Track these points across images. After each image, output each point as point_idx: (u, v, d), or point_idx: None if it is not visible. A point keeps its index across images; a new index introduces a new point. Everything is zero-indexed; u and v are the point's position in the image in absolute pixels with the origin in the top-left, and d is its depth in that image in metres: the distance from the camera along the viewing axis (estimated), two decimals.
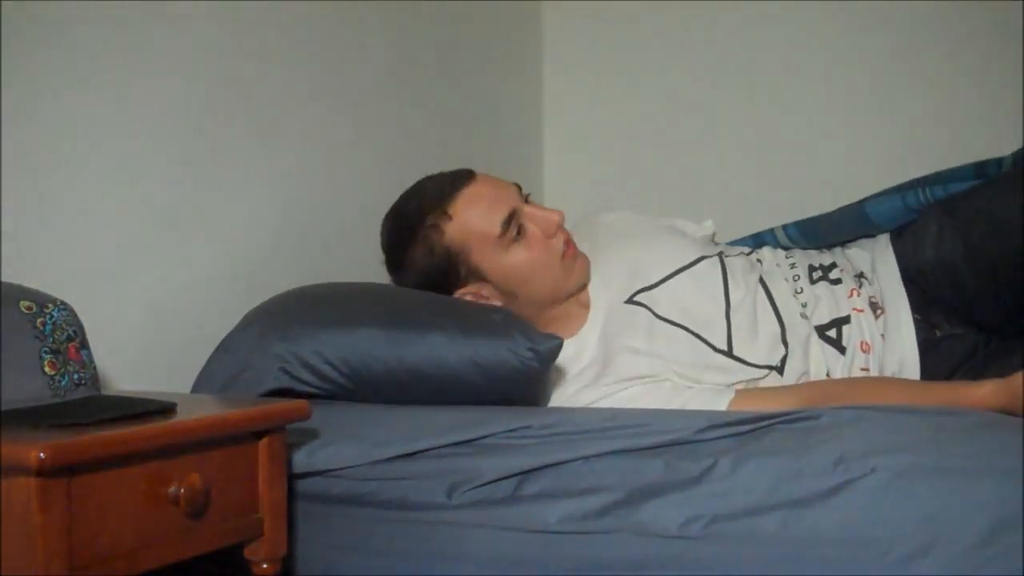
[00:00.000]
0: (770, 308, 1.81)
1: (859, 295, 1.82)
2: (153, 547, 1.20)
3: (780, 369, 1.76)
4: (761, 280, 1.85)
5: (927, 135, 2.28)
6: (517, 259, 1.78)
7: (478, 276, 1.79)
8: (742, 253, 1.93)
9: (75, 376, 1.29)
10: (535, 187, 2.61)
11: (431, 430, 1.48)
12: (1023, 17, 2.16)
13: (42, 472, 1.07)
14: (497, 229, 1.77)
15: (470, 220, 1.77)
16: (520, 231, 1.78)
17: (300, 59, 1.99)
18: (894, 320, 1.80)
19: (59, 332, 1.29)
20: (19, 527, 1.08)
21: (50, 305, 1.30)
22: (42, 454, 1.06)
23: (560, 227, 1.81)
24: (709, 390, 1.72)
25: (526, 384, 1.64)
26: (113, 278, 1.65)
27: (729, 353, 1.76)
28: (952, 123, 2.26)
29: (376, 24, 2.16)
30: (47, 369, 1.26)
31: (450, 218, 1.78)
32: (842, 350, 1.78)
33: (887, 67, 2.33)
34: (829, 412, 1.41)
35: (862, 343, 1.78)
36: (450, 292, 1.80)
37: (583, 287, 1.85)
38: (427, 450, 1.45)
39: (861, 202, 1.93)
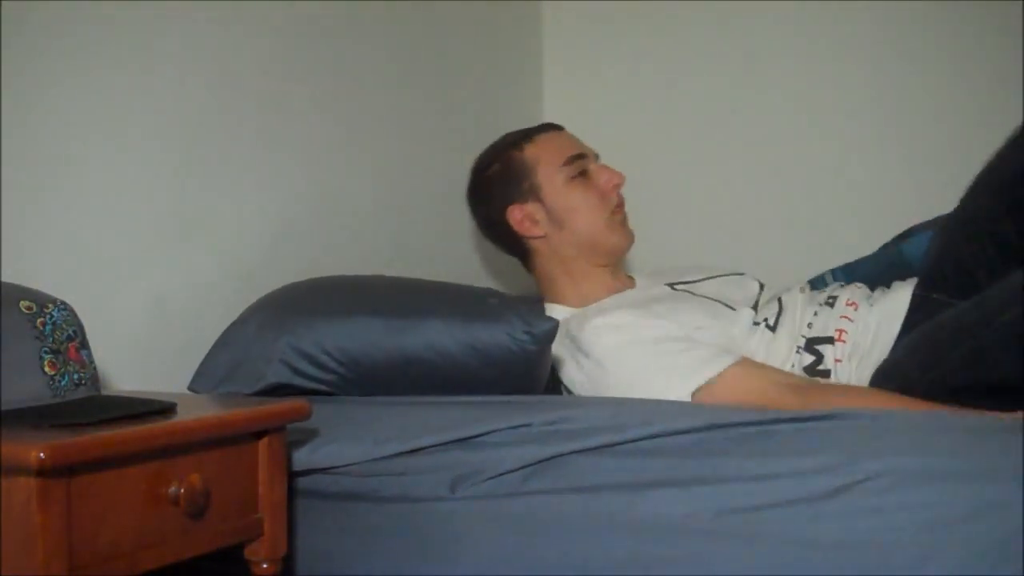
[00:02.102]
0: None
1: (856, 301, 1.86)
2: (153, 547, 1.20)
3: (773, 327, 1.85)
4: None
5: (925, 135, 2.29)
6: (573, 192, 1.95)
7: (536, 195, 1.96)
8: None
9: (75, 376, 1.29)
10: None
11: (432, 426, 1.48)
12: (1023, 17, 2.16)
13: (42, 472, 1.07)
14: (564, 159, 1.96)
15: (546, 146, 1.98)
16: (584, 174, 1.96)
17: (300, 59, 1.99)
18: (888, 292, 1.86)
19: (59, 332, 1.29)
20: (19, 527, 1.08)
21: (50, 305, 1.30)
22: (42, 454, 1.06)
23: (619, 187, 1.98)
24: (709, 351, 1.72)
25: (524, 367, 1.65)
26: (113, 278, 1.66)
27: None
28: (953, 129, 2.26)
29: (376, 25, 2.16)
30: (47, 369, 1.26)
31: (531, 142, 1.99)
32: (831, 303, 1.84)
33: (886, 67, 2.33)
34: (834, 414, 1.41)
35: (848, 301, 1.84)
36: (510, 203, 1.96)
37: (621, 252, 2.01)
38: (428, 447, 1.45)
39: (897, 243, 2.00)
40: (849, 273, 2.04)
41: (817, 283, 2.06)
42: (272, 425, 1.35)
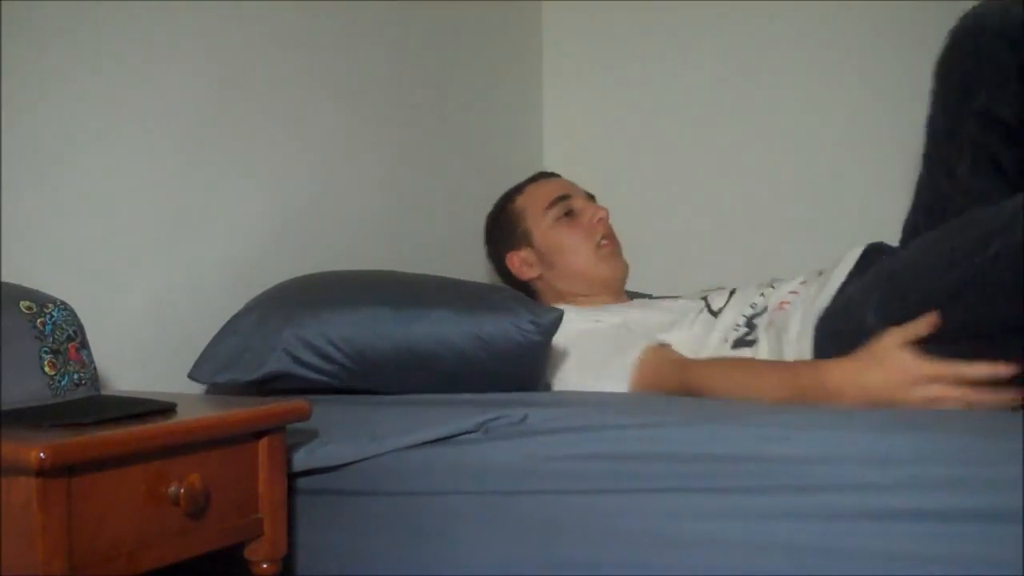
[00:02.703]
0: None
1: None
2: (153, 547, 1.20)
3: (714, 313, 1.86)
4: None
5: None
6: (559, 232, 2.08)
7: (527, 240, 2.10)
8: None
9: (75, 376, 1.29)
10: None
11: (430, 422, 1.48)
12: None
13: (42, 472, 1.07)
14: (548, 202, 2.10)
15: (533, 194, 2.14)
16: (569, 214, 2.09)
17: (300, 60, 1.99)
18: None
19: (59, 332, 1.29)
20: (19, 527, 1.08)
21: (50, 305, 1.30)
22: (42, 454, 1.06)
23: (603, 221, 2.09)
24: (624, 342, 1.77)
25: (529, 358, 1.66)
26: (113, 278, 1.66)
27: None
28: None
29: (376, 25, 2.17)
30: (47, 369, 1.26)
31: (521, 193, 2.16)
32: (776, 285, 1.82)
33: (886, 67, 2.33)
34: (829, 416, 1.40)
35: (801, 280, 1.78)
36: (507, 252, 2.12)
37: (614, 281, 2.09)
38: (428, 443, 1.45)
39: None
40: None
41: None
42: (272, 425, 1.36)
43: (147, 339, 1.70)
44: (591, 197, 2.16)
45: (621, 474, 1.36)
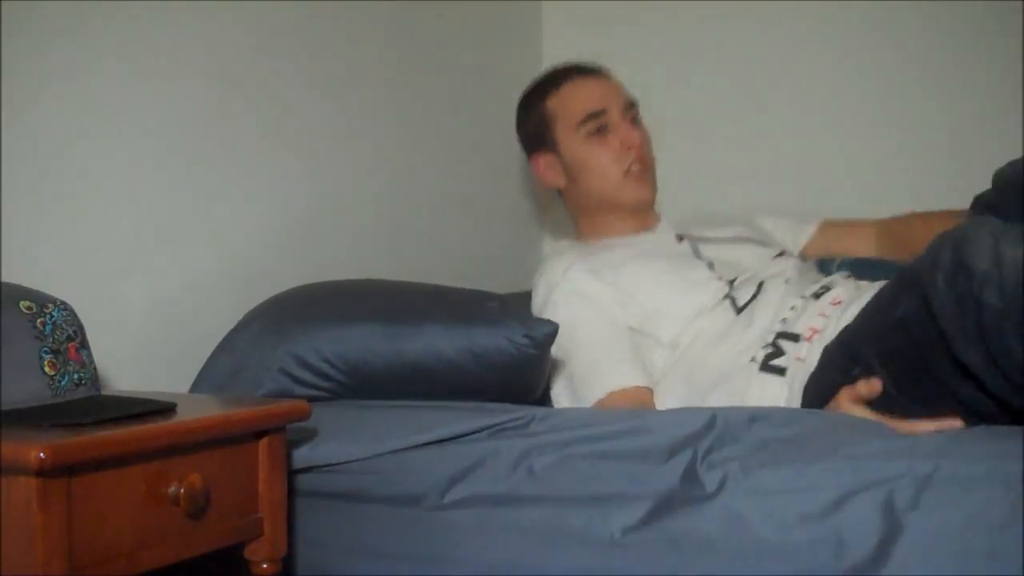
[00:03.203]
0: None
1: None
2: (153, 547, 1.20)
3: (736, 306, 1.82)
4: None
5: (928, 138, 2.28)
6: (587, 151, 2.00)
7: (555, 148, 2.03)
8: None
9: (75, 376, 1.29)
10: (534, 185, 2.61)
11: (432, 423, 1.48)
12: (1023, 17, 2.16)
13: (42, 472, 1.07)
14: (580, 117, 1.99)
15: (567, 99, 2.02)
16: (601, 131, 1.99)
17: (300, 60, 1.99)
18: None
19: (59, 332, 1.29)
20: (19, 527, 1.08)
21: (50, 305, 1.30)
22: (42, 454, 1.06)
23: (634, 147, 1.99)
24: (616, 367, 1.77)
25: (524, 371, 1.65)
26: (113, 278, 1.66)
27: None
28: (952, 127, 2.26)
29: (376, 24, 2.16)
30: (47, 369, 1.26)
31: (557, 92, 2.03)
32: (817, 296, 1.78)
33: (886, 67, 2.33)
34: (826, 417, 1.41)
35: (835, 299, 1.75)
36: (534, 151, 2.06)
37: (639, 208, 2.02)
38: (429, 443, 1.45)
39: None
40: (859, 268, 1.96)
41: (826, 265, 2.02)
42: (272, 425, 1.35)
43: (147, 339, 1.70)
44: (631, 107, 2.05)
45: (624, 478, 1.36)
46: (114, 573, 1.16)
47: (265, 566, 1.36)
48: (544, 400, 1.79)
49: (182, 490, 1.22)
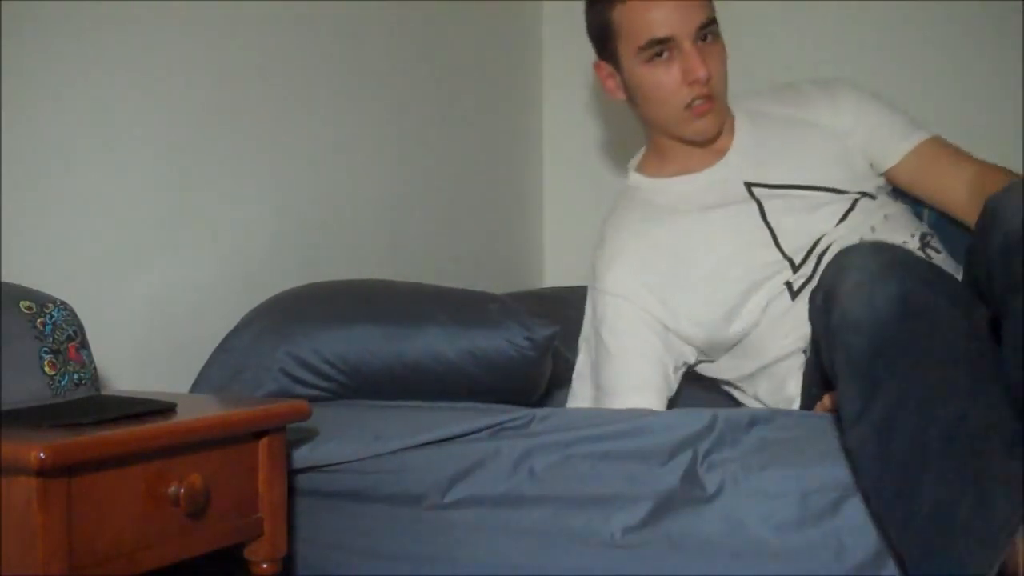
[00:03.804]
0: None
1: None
2: (153, 547, 1.20)
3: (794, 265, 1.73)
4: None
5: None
6: (646, 76, 1.78)
7: (617, 63, 1.82)
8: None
9: (75, 376, 1.29)
10: (535, 184, 2.61)
11: (432, 423, 1.48)
12: (1023, 17, 2.16)
13: (42, 472, 1.07)
14: (643, 41, 1.76)
15: (633, 18, 1.77)
16: (664, 55, 1.76)
17: (299, 60, 1.99)
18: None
19: (59, 332, 1.29)
20: (19, 527, 1.08)
21: (50, 305, 1.30)
22: (42, 454, 1.06)
23: (699, 82, 1.75)
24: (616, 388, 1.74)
25: (524, 373, 1.66)
26: (113, 278, 1.65)
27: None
28: (952, 127, 2.25)
29: (375, 25, 2.16)
30: (47, 369, 1.26)
31: (624, 2, 1.78)
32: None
33: (887, 67, 2.33)
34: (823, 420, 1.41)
35: None
36: (598, 55, 1.86)
37: (703, 140, 1.83)
38: (429, 443, 1.45)
39: None
40: (943, 230, 1.81)
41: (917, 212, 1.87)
42: (272, 425, 1.36)
43: (147, 339, 1.70)
44: (707, 32, 1.77)
45: (624, 478, 1.36)
46: (114, 573, 1.16)
47: (265, 566, 1.36)
48: (544, 401, 1.79)
49: (182, 490, 1.22)
